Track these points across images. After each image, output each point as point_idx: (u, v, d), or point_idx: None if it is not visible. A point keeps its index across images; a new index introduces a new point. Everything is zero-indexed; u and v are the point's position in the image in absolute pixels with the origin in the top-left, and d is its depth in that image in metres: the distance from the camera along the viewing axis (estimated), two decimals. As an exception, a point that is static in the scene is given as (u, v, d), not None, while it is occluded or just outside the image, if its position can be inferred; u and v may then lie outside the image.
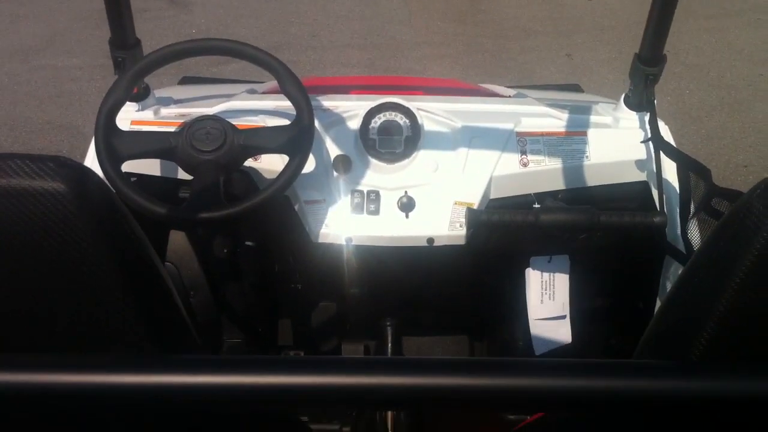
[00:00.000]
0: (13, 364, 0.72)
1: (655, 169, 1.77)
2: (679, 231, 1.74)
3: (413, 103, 1.81)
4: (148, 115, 1.86)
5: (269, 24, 5.94)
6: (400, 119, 1.80)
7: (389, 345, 2.07)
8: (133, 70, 1.64)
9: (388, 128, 1.79)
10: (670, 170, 1.80)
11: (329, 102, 1.87)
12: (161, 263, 1.08)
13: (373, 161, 1.77)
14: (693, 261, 0.97)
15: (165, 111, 1.88)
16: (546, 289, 1.86)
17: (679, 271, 1.77)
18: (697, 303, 0.92)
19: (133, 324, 1.00)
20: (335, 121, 1.82)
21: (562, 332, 1.87)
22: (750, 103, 4.95)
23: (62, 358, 0.75)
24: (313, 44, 5.64)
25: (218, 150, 1.57)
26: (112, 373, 0.72)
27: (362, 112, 1.79)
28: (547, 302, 1.86)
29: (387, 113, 1.80)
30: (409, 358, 0.85)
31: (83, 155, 1.92)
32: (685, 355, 0.93)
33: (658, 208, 1.75)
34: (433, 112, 1.82)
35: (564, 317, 1.87)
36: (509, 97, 2.21)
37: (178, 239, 2.02)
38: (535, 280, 1.86)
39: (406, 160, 1.77)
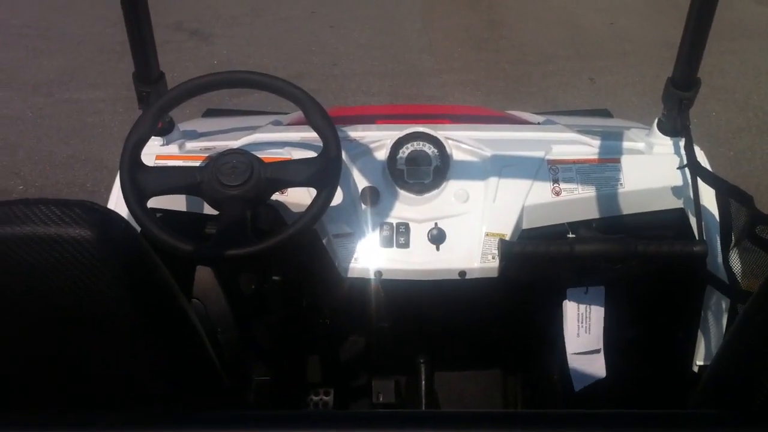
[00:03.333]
0: (44, 423, 0.69)
1: (692, 196, 1.72)
2: (720, 260, 1.68)
3: (441, 132, 1.77)
4: (173, 149, 1.84)
5: (290, 54, 5.96)
6: (428, 149, 1.76)
7: (422, 382, 2.02)
8: (158, 105, 1.61)
9: (416, 158, 1.75)
10: (707, 197, 1.75)
11: (355, 132, 1.84)
12: (188, 304, 1.05)
13: (402, 192, 1.73)
14: (752, 302, 0.92)
15: (190, 145, 1.86)
16: (582, 322, 1.80)
17: (721, 302, 1.71)
18: (758, 348, 0.87)
19: (161, 368, 0.96)
20: (362, 152, 1.78)
21: (597, 366, 1.82)
22: (778, 124, 4.88)
23: (92, 416, 0.71)
24: (334, 73, 5.64)
25: (245, 184, 1.54)
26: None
27: (389, 143, 1.76)
28: (584, 335, 1.80)
29: (415, 143, 1.77)
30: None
31: (107, 189, 1.90)
32: (747, 402, 0.87)
33: (697, 237, 1.70)
34: (462, 141, 1.79)
35: (599, 351, 1.81)
36: (538, 124, 2.17)
37: (204, 275, 1.99)
38: (572, 312, 1.81)
39: (436, 191, 1.73)
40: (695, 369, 1.73)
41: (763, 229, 1.46)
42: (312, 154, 1.65)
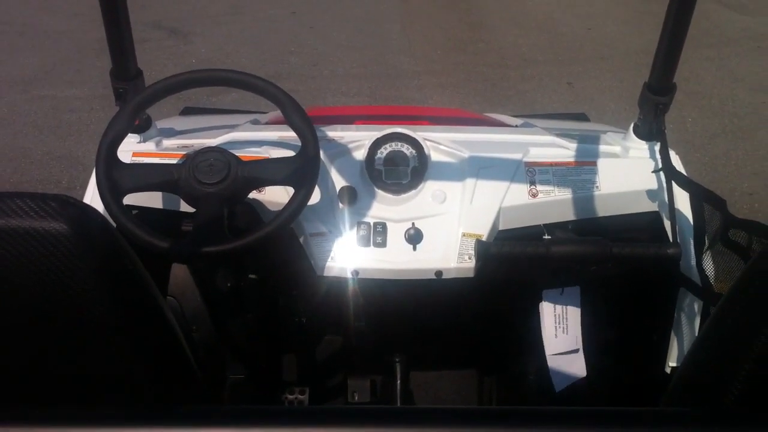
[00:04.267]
0: (18, 417, 0.68)
1: (666, 199, 1.74)
2: (693, 262, 1.70)
3: (419, 133, 1.78)
4: (149, 146, 1.82)
5: (270, 53, 5.95)
6: (407, 150, 1.76)
7: (398, 381, 2.03)
8: (135, 101, 1.60)
9: (394, 159, 1.75)
10: (681, 200, 1.76)
11: (334, 132, 1.84)
12: (164, 301, 1.05)
13: (380, 192, 1.73)
14: (723, 304, 0.93)
15: (167, 142, 1.85)
16: (559, 323, 1.81)
17: (694, 304, 1.73)
18: (728, 348, 0.88)
19: (136, 364, 0.96)
20: (340, 151, 1.78)
21: (577, 366, 1.83)
22: (753, 130, 4.94)
23: (68, 411, 0.71)
24: (314, 73, 5.64)
25: (222, 182, 1.53)
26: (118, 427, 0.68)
27: (368, 143, 1.76)
28: (561, 336, 1.81)
29: (393, 143, 1.77)
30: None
31: (83, 186, 1.89)
32: (717, 401, 0.89)
33: (671, 239, 1.71)
34: (440, 143, 1.79)
35: (577, 351, 1.82)
36: (516, 126, 2.18)
37: (180, 273, 1.98)
38: (548, 314, 1.82)
39: (413, 191, 1.73)
40: (668, 370, 1.75)
41: (736, 232, 1.48)
42: (290, 153, 1.65)
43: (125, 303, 0.92)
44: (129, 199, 1.59)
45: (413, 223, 1.70)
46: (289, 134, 1.66)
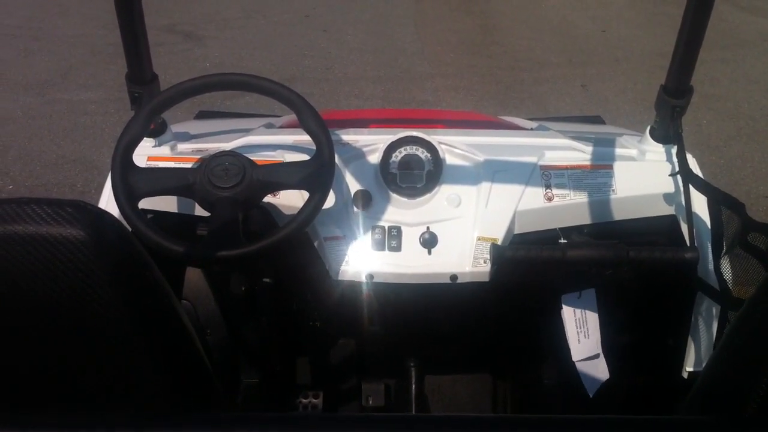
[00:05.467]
0: (33, 424, 0.68)
1: (683, 203, 1.72)
2: (711, 267, 1.68)
3: (434, 137, 1.77)
4: (164, 150, 1.83)
5: (283, 57, 5.96)
6: (421, 153, 1.76)
7: (413, 386, 2.02)
8: (150, 105, 1.61)
9: (408, 162, 1.75)
10: (698, 204, 1.75)
11: (348, 136, 1.84)
12: (181, 306, 1.04)
13: (394, 196, 1.72)
14: (745, 310, 0.92)
15: (182, 146, 1.85)
16: (581, 327, 1.81)
17: (712, 308, 1.71)
18: (750, 356, 0.87)
19: (152, 370, 0.95)
20: (355, 155, 1.78)
21: (600, 370, 1.82)
22: (768, 132, 4.91)
23: (87, 417, 0.71)
24: (327, 77, 5.65)
25: (237, 186, 1.53)
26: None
27: (382, 146, 1.75)
28: (584, 341, 1.80)
29: (408, 147, 1.76)
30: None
31: (98, 189, 1.89)
32: (739, 410, 0.87)
33: (689, 243, 1.70)
34: (455, 146, 1.78)
35: (599, 355, 1.81)
36: (531, 129, 2.17)
37: (194, 277, 1.98)
38: (570, 318, 1.81)
39: (428, 195, 1.73)
40: (685, 375, 1.73)
41: (755, 236, 1.46)
42: (305, 157, 1.64)
43: (141, 309, 0.91)
44: (144, 203, 1.59)
45: (428, 227, 1.70)
46: (304, 138, 1.65)
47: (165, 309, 1.00)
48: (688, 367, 1.73)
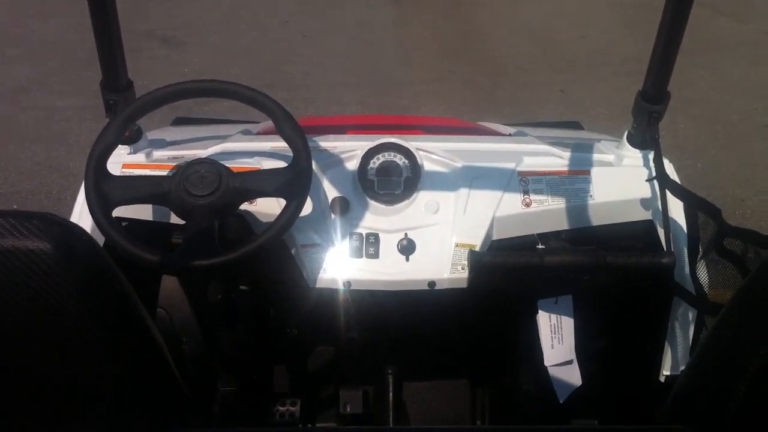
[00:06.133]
0: None
1: (660, 208, 1.73)
2: (687, 271, 1.69)
3: (412, 143, 1.77)
4: (140, 158, 1.81)
5: (263, 62, 5.94)
6: (399, 160, 1.76)
7: (390, 393, 2.01)
8: (125, 113, 1.59)
9: (386, 169, 1.75)
10: (675, 209, 1.76)
11: (326, 142, 1.83)
12: (151, 319, 1.03)
13: (372, 203, 1.72)
14: (722, 316, 0.92)
15: (157, 154, 1.84)
16: (555, 333, 1.81)
17: (688, 313, 1.72)
18: (727, 364, 0.87)
19: (122, 382, 0.94)
20: (332, 162, 1.77)
21: (573, 376, 1.82)
22: (745, 137, 4.95)
23: None
24: (307, 82, 5.63)
25: (213, 194, 1.52)
26: None
27: (360, 153, 1.75)
28: (557, 346, 1.81)
29: (385, 153, 1.76)
30: None
31: (73, 197, 1.87)
32: (716, 415, 0.87)
33: (665, 248, 1.71)
34: (433, 152, 1.78)
35: (572, 360, 1.82)
36: (509, 135, 2.18)
37: (170, 284, 1.97)
38: (545, 324, 1.81)
39: (406, 202, 1.72)
40: (662, 379, 1.74)
41: (731, 241, 1.47)
42: (282, 164, 1.63)
43: (110, 322, 0.90)
44: (119, 212, 1.58)
45: (406, 234, 1.70)
46: (281, 145, 1.65)
47: (135, 322, 0.99)
48: (666, 371, 1.74)
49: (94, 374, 0.92)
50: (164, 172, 1.64)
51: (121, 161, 1.79)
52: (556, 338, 1.82)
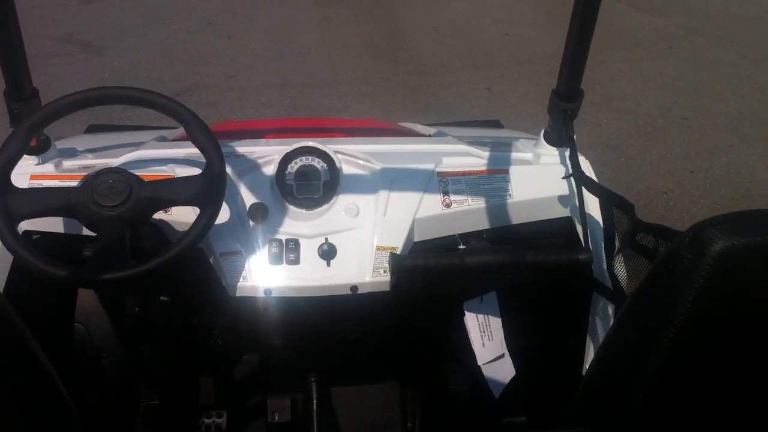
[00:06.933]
0: None
1: (578, 205, 1.75)
2: (605, 266, 1.71)
3: (330, 146, 1.75)
4: (48, 168, 1.75)
5: (185, 65, 5.84)
6: (318, 163, 1.73)
7: (314, 401, 1.99)
8: (28, 123, 1.53)
9: (305, 173, 1.72)
10: (593, 205, 1.78)
11: (243, 147, 1.80)
12: (37, 344, 0.98)
13: (291, 208, 1.69)
14: (625, 310, 0.93)
15: (67, 164, 1.77)
16: (484, 331, 1.82)
17: (608, 307, 1.74)
18: (629, 360, 0.88)
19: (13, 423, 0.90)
20: (249, 167, 1.74)
21: (506, 369, 1.83)
22: (666, 130, 5.07)
23: None
24: (231, 85, 5.56)
25: (123, 204, 1.47)
26: None
27: (278, 158, 1.72)
28: (488, 344, 1.82)
29: (303, 158, 1.74)
30: None
31: None
32: (622, 407, 0.88)
33: (583, 244, 1.72)
34: (352, 155, 1.77)
35: (504, 355, 1.83)
36: (429, 136, 2.18)
37: (87, 298, 1.91)
38: (473, 324, 1.82)
39: (326, 206, 1.70)
40: (584, 373, 1.76)
41: (644, 236, 1.49)
42: (196, 171, 1.60)
43: None
44: (31, 225, 1.52)
45: (326, 239, 1.68)
46: (197, 152, 1.61)
47: (15, 351, 0.94)
48: (588, 366, 1.76)
49: None
50: (74, 183, 1.59)
51: (29, 172, 1.72)
52: (486, 336, 1.83)
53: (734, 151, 4.84)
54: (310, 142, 1.74)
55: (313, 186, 1.72)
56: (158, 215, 1.61)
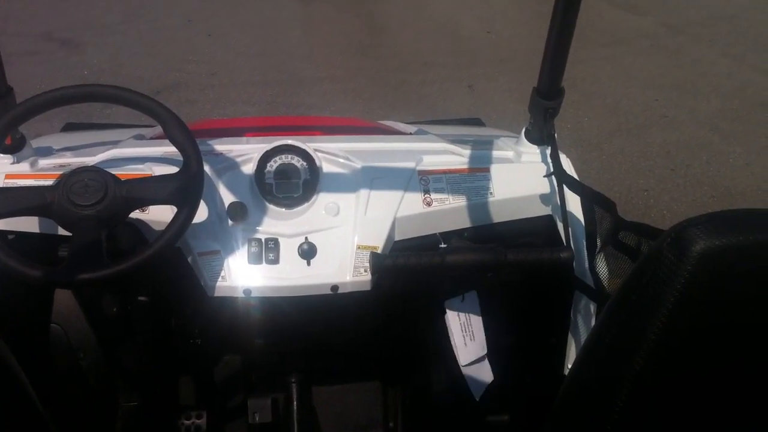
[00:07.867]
0: None
1: (559, 203, 1.74)
2: (587, 265, 1.71)
3: (311, 144, 1.73)
4: (23, 167, 1.72)
5: (166, 62, 5.80)
6: (297, 162, 1.72)
7: (294, 402, 1.98)
8: (2, 121, 1.51)
9: (284, 172, 1.71)
10: (574, 203, 1.77)
11: (222, 146, 1.78)
12: (10, 355, 0.96)
13: (271, 207, 1.68)
14: (608, 308, 0.92)
15: (43, 162, 1.75)
16: (466, 331, 1.81)
17: (590, 306, 1.74)
18: (612, 360, 0.87)
19: None
20: (228, 166, 1.72)
21: (485, 371, 1.83)
22: (647, 127, 5.09)
23: None
24: (213, 83, 5.53)
25: (98, 204, 1.45)
26: None
27: (257, 156, 1.71)
28: (470, 344, 1.81)
29: (283, 156, 1.72)
30: None
31: None
32: (606, 405, 0.87)
33: (565, 243, 1.72)
34: (332, 153, 1.75)
35: (485, 357, 1.82)
36: (410, 134, 2.17)
37: (64, 298, 1.88)
38: (455, 323, 1.81)
39: (306, 205, 1.69)
40: (567, 372, 1.75)
41: (625, 234, 1.49)
42: (174, 169, 1.58)
43: None
44: (5, 224, 1.50)
45: (306, 238, 1.66)
46: (174, 150, 1.59)
47: None
48: (570, 365, 1.75)
49: None
50: (49, 182, 1.57)
51: (4, 171, 1.70)
52: (468, 335, 1.82)
53: (714, 148, 4.86)
54: (290, 141, 1.73)
55: (293, 184, 1.70)
56: (135, 214, 1.59)
